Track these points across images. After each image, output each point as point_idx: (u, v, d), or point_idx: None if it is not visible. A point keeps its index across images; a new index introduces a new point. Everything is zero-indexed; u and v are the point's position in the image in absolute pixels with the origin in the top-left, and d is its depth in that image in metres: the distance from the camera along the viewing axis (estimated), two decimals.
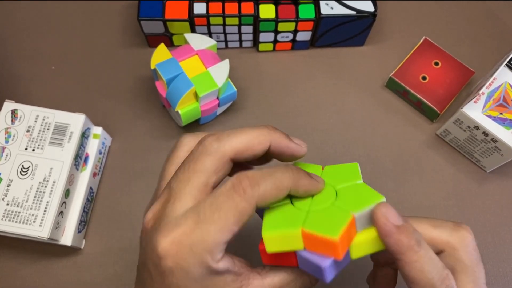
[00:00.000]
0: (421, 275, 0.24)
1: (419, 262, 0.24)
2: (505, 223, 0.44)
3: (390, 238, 0.24)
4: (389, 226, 0.24)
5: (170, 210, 0.25)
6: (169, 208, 0.25)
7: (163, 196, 0.27)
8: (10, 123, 0.40)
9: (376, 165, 0.46)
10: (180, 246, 0.23)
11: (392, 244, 0.24)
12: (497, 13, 0.54)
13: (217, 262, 0.24)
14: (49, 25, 0.52)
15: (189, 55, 0.43)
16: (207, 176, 0.25)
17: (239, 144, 0.26)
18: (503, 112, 0.42)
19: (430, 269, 0.24)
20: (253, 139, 0.26)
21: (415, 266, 0.24)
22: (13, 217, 0.37)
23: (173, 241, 0.24)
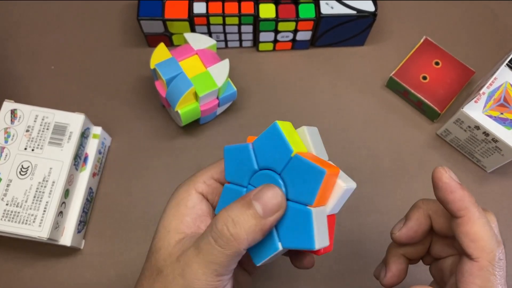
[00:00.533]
0: (483, 231, 0.25)
1: (481, 219, 0.25)
2: (505, 223, 0.44)
3: (455, 193, 0.25)
4: (453, 182, 0.25)
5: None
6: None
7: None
8: (9, 123, 0.40)
9: (377, 165, 0.46)
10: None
11: (457, 200, 0.25)
12: (497, 13, 0.54)
13: (194, 190, 0.28)
14: (49, 25, 0.52)
15: (189, 55, 0.43)
16: None
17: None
18: (503, 112, 0.42)
19: (490, 228, 0.25)
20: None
21: (478, 222, 0.25)
22: (13, 217, 0.37)
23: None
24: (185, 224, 0.27)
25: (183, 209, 0.28)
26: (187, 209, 0.28)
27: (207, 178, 0.29)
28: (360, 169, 0.46)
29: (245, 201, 0.24)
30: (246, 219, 0.24)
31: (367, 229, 0.43)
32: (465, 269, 0.25)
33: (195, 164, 0.46)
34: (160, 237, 0.27)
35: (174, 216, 0.27)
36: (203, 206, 0.28)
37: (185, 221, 0.27)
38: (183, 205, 0.28)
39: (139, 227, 0.43)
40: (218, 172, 0.29)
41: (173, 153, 0.46)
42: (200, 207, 0.28)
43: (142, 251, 0.42)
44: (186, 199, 0.28)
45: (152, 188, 0.45)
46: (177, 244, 0.26)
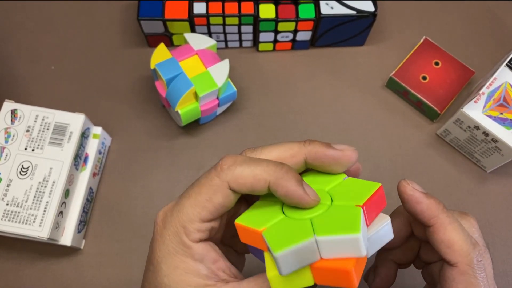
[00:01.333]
0: (457, 236, 0.24)
1: (452, 224, 0.25)
2: (505, 223, 0.44)
3: (421, 203, 0.25)
4: (417, 193, 0.25)
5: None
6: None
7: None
8: (9, 123, 0.40)
9: (376, 165, 0.46)
10: (164, 217, 0.25)
11: (425, 209, 0.25)
12: (497, 13, 0.54)
13: (192, 242, 0.24)
14: (49, 25, 0.52)
15: (189, 55, 0.43)
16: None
17: (270, 157, 0.25)
18: (503, 112, 0.42)
19: (463, 232, 0.25)
20: (284, 152, 0.25)
21: (450, 228, 0.25)
22: (13, 217, 0.37)
23: (163, 211, 0.26)
24: (204, 277, 0.24)
25: (193, 264, 0.24)
26: (197, 263, 0.24)
27: (199, 225, 0.24)
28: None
29: None
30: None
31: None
32: (447, 276, 0.25)
33: (195, 164, 0.46)
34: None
35: (186, 272, 0.24)
36: (211, 253, 0.25)
37: (203, 274, 0.24)
38: (190, 260, 0.24)
39: (139, 227, 0.43)
40: (207, 214, 0.24)
41: (173, 153, 0.46)
42: (208, 254, 0.25)
43: (142, 251, 0.43)
44: (189, 254, 0.24)
45: (152, 188, 0.45)
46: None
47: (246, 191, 0.24)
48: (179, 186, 0.45)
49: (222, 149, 0.47)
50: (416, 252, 0.31)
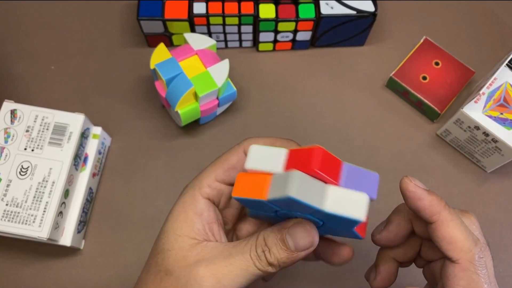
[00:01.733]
0: (458, 232, 0.25)
1: (454, 221, 0.25)
2: (505, 223, 0.44)
3: (424, 200, 0.25)
4: (419, 189, 0.25)
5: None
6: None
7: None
8: (9, 123, 0.40)
9: (376, 165, 0.46)
10: (189, 182, 0.30)
11: (426, 206, 0.25)
12: (497, 13, 0.54)
13: (200, 195, 0.28)
14: (49, 25, 0.52)
15: (188, 55, 0.43)
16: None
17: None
18: (503, 112, 0.42)
19: (465, 228, 0.25)
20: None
21: (452, 224, 0.25)
22: (13, 218, 0.37)
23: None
24: (195, 231, 0.27)
25: (191, 215, 0.27)
26: (195, 215, 0.27)
27: (212, 181, 0.28)
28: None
29: (280, 235, 0.25)
30: (279, 251, 0.25)
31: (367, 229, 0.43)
32: (449, 272, 0.25)
33: (195, 164, 0.46)
34: (169, 239, 0.27)
35: (184, 221, 0.27)
36: (211, 213, 0.28)
37: (196, 228, 0.27)
38: (191, 211, 0.28)
39: (139, 227, 0.43)
40: (221, 173, 0.29)
41: (173, 153, 0.46)
42: (207, 213, 0.28)
43: (142, 251, 0.42)
44: (193, 205, 0.28)
45: (152, 188, 0.45)
46: (190, 249, 0.26)
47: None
48: (179, 186, 0.45)
49: (222, 149, 0.46)
50: (417, 250, 0.31)
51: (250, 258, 0.25)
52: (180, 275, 0.25)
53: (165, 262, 0.26)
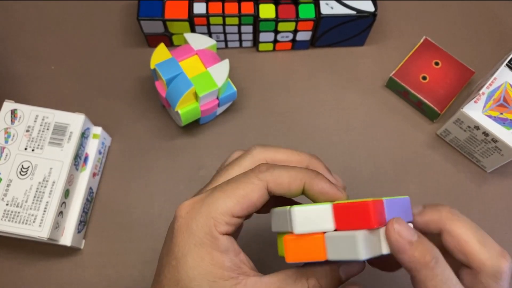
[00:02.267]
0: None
1: (434, 281, 0.23)
2: (505, 223, 0.44)
3: (404, 254, 0.23)
4: (402, 242, 0.23)
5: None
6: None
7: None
8: (9, 123, 0.40)
9: (376, 165, 0.46)
10: (192, 209, 0.26)
11: (406, 261, 0.23)
12: (497, 13, 0.54)
13: (219, 234, 0.25)
14: (49, 25, 0.52)
15: (189, 55, 0.43)
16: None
17: (277, 181, 0.26)
18: (503, 112, 0.42)
19: (452, 284, 0.23)
20: (291, 157, 0.29)
21: (429, 284, 0.23)
22: (13, 217, 0.37)
23: (188, 204, 0.26)
24: (228, 269, 0.25)
25: (218, 256, 0.25)
26: (222, 254, 0.25)
27: (229, 219, 0.25)
28: (360, 169, 0.46)
29: (334, 271, 0.25)
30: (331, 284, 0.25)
31: None
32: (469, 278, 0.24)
33: (195, 164, 0.46)
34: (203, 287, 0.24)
35: (211, 264, 0.25)
36: (235, 246, 0.26)
37: (227, 267, 0.25)
38: (215, 252, 0.25)
39: (139, 227, 0.43)
40: (239, 210, 0.26)
41: (173, 153, 0.46)
42: (232, 248, 0.26)
43: (142, 251, 0.43)
44: (215, 244, 0.25)
45: (152, 188, 0.45)
46: (233, 287, 0.25)
47: (282, 192, 0.26)
48: (179, 186, 0.45)
49: (222, 149, 0.47)
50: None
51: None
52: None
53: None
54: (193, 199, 0.27)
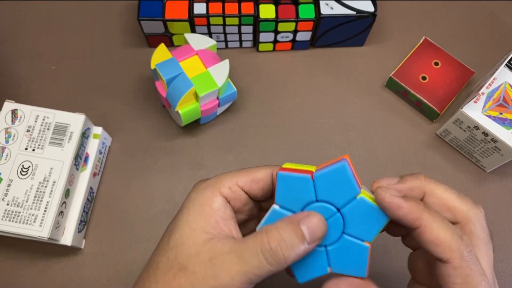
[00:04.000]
0: (443, 232, 0.25)
1: (437, 222, 0.25)
2: (505, 223, 0.44)
3: (402, 208, 0.25)
4: (396, 199, 0.25)
5: None
6: None
7: None
8: (10, 123, 0.40)
9: (376, 165, 0.46)
10: (206, 180, 0.30)
11: (407, 213, 0.25)
12: (497, 13, 0.54)
13: (219, 192, 0.29)
14: (49, 25, 0.52)
15: (189, 55, 0.43)
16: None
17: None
18: (503, 112, 0.42)
19: (448, 226, 0.25)
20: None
21: (435, 226, 0.25)
22: (13, 217, 0.37)
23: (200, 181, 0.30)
24: (210, 225, 0.27)
25: (208, 210, 0.28)
26: (212, 210, 0.28)
27: (233, 184, 0.29)
28: (360, 169, 0.46)
29: (294, 225, 0.26)
30: (297, 243, 0.25)
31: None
32: (443, 273, 0.25)
33: (195, 164, 0.46)
34: (182, 234, 0.27)
35: (199, 215, 0.28)
36: (227, 210, 0.29)
37: (211, 222, 0.27)
38: (208, 206, 0.28)
39: (139, 226, 0.44)
40: (244, 180, 0.29)
41: (173, 153, 0.46)
42: (224, 210, 0.28)
43: (143, 250, 0.43)
44: (211, 200, 0.28)
45: (152, 188, 0.45)
46: (205, 244, 0.26)
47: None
48: (179, 186, 0.45)
49: (222, 149, 0.47)
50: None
51: (262, 256, 0.25)
52: (195, 271, 0.26)
53: (178, 258, 0.27)
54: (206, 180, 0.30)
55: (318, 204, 0.27)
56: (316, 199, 0.27)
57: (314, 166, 0.28)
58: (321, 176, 0.26)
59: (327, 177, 0.26)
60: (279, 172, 0.27)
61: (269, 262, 0.25)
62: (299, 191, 0.27)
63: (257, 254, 0.25)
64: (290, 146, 0.47)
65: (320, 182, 0.26)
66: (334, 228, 0.27)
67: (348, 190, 0.26)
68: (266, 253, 0.25)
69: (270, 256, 0.25)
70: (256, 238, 0.26)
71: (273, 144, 0.47)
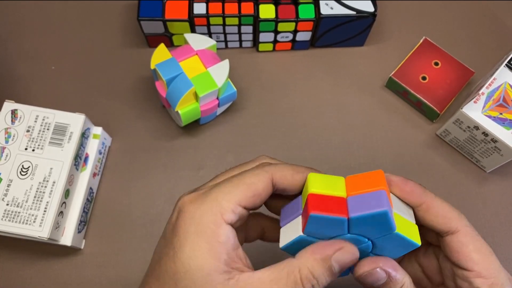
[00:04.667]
0: (447, 206, 0.27)
1: (438, 198, 0.27)
2: (505, 223, 0.44)
3: (409, 183, 0.27)
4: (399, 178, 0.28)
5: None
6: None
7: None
8: (10, 123, 0.40)
9: (376, 165, 0.46)
10: (196, 199, 0.26)
11: (414, 189, 0.27)
12: (497, 13, 0.54)
13: (224, 222, 0.25)
14: (49, 25, 0.52)
15: (189, 55, 0.43)
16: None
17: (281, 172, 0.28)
18: (503, 112, 0.42)
19: (447, 203, 0.27)
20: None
21: (439, 201, 0.27)
22: (13, 217, 0.37)
23: (192, 196, 0.26)
24: (223, 262, 0.24)
25: (217, 246, 0.24)
26: (221, 245, 0.25)
27: (235, 207, 0.25)
28: (360, 169, 0.46)
29: (325, 262, 0.25)
30: (325, 278, 0.25)
31: None
32: (455, 242, 0.26)
33: (195, 164, 0.46)
34: (196, 280, 0.24)
35: (209, 254, 0.24)
36: (236, 239, 0.26)
37: (223, 259, 0.24)
38: (215, 241, 0.25)
39: (139, 227, 0.44)
40: (244, 199, 0.26)
41: (173, 153, 0.46)
42: (233, 240, 0.25)
43: (142, 250, 0.43)
44: (217, 233, 0.25)
45: (152, 188, 0.45)
46: (224, 286, 0.24)
47: (286, 184, 0.27)
48: (179, 186, 0.45)
49: (222, 149, 0.47)
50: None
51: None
52: None
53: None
54: (196, 192, 0.27)
55: (350, 236, 0.26)
56: (348, 232, 0.25)
57: (342, 178, 0.26)
58: (358, 219, 0.24)
59: (364, 220, 0.24)
60: (312, 214, 0.24)
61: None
62: (333, 227, 0.25)
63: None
64: (290, 146, 0.47)
65: (356, 223, 0.25)
66: (362, 252, 0.26)
67: (384, 229, 0.25)
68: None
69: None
70: (289, 277, 0.24)
71: (273, 144, 0.47)
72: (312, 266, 0.25)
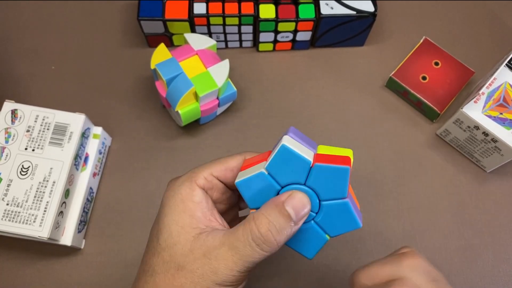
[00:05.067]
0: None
1: None
2: (505, 223, 0.44)
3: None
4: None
5: None
6: None
7: None
8: (10, 123, 0.40)
9: (376, 165, 0.46)
10: (179, 177, 0.31)
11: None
12: (497, 13, 0.54)
13: (196, 185, 0.29)
14: (49, 25, 0.52)
15: (189, 55, 0.43)
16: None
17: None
18: (503, 112, 0.42)
19: None
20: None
21: None
22: (13, 217, 0.37)
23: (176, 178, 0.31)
24: (196, 219, 0.28)
25: (191, 205, 0.28)
26: (195, 204, 0.28)
27: (207, 175, 0.29)
28: (360, 169, 0.46)
29: (279, 207, 0.26)
30: (285, 225, 0.26)
31: (366, 228, 0.43)
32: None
33: (195, 164, 0.46)
34: (171, 233, 0.27)
35: (183, 212, 0.28)
36: (208, 201, 0.29)
37: (196, 216, 0.28)
38: (189, 201, 0.28)
39: (139, 227, 0.44)
40: (218, 170, 0.30)
41: (173, 153, 0.46)
42: (206, 201, 0.29)
43: (142, 251, 0.42)
44: (191, 195, 0.28)
45: (152, 188, 0.45)
46: (195, 240, 0.27)
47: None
48: None
49: (222, 149, 0.47)
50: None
51: (255, 244, 0.26)
52: (193, 268, 0.26)
53: (173, 258, 0.27)
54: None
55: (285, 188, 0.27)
56: (304, 183, 0.27)
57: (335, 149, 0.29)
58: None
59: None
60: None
61: (262, 248, 0.26)
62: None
63: (249, 243, 0.26)
64: None
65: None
66: (313, 201, 0.27)
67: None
68: (257, 241, 0.26)
69: (262, 243, 0.26)
70: (245, 227, 0.26)
71: (273, 144, 0.47)
72: (266, 211, 0.26)
